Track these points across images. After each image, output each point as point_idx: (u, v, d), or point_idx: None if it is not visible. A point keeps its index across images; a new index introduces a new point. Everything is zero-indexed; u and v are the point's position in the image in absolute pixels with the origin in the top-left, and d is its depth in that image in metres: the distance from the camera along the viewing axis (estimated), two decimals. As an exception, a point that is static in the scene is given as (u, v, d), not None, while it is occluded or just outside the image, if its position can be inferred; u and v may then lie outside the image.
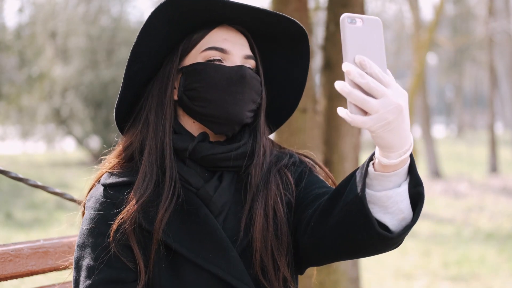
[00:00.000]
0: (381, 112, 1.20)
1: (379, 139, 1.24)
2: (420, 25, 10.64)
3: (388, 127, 1.21)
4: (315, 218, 1.44)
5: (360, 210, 1.30)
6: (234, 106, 1.49)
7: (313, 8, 3.81)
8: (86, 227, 1.48)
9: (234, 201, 1.54)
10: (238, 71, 1.50)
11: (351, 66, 1.20)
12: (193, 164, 1.52)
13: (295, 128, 3.06)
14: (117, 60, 17.53)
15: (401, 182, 1.31)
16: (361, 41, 1.22)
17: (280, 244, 1.52)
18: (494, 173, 15.80)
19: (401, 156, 1.26)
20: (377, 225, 1.29)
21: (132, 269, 1.45)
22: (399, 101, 1.21)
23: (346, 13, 1.23)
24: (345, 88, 1.20)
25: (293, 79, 1.65)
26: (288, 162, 1.61)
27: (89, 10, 18.74)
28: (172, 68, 1.53)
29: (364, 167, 1.31)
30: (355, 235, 1.34)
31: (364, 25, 1.23)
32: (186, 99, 1.52)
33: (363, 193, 1.29)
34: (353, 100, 1.20)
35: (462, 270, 6.57)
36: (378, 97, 1.20)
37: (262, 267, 1.49)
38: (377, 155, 1.28)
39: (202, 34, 1.52)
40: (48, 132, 19.64)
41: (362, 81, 1.20)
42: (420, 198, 1.32)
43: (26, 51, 15.36)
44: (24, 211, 9.92)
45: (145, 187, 1.47)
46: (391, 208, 1.31)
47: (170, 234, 1.46)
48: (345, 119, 1.22)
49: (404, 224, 1.33)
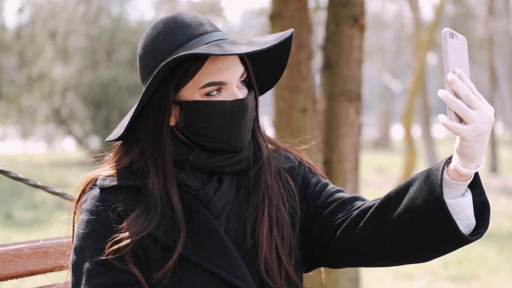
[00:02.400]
0: (477, 123, 1.30)
1: (468, 148, 1.32)
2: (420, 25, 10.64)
3: (480, 137, 1.31)
4: (364, 224, 1.48)
5: (439, 215, 1.36)
6: (240, 138, 1.50)
7: (313, 8, 3.81)
8: (83, 230, 1.46)
9: (236, 202, 1.54)
10: (241, 106, 1.49)
11: (455, 76, 1.31)
12: (191, 170, 1.53)
13: (295, 128, 3.06)
14: (117, 60, 17.53)
15: (465, 192, 1.40)
16: (457, 55, 1.34)
17: (284, 243, 1.53)
18: (494, 173, 15.80)
19: (477, 168, 1.36)
20: (460, 229, 1.37)
21: (131, 272, 1.44)
22: (491, 115, 1.32)
23: (447, 28, 1.33)
24: (450, 97, 1.30)
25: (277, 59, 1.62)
26: (287, 165, 1.62)
27: (89, 10, 18.74)
28: (168, 102, 1.48)
29: (439, 174, 1.37)
30: (428, 238, 1.41)
31: (458, 41, 1.35)
32: (189, 133, 1.51)
33: (442, 198, 1.36)
34: (455, 109, 1.30)
35: (462, 270, 6.57)
36: (475, 108, 1.31)
37: (266, 266, 1.50)
38: (456, 165, 1.36)
39: (197, 66, 1.47)
40: (48, 132, 19.66)
41: (463, 92, 1.30)
42: (486, 206, 1.41)
43: (26, 51, 15.35)
44: (24, 211, 9.92)
45: (149, 220, 1.45)
46: (459, 215, 1.39)
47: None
48: (446, 125, 1.31)
49: (468, 230, 1.41)
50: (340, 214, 1.54)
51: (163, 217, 1.47)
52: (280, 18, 3.02)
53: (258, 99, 1.58)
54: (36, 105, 18.08)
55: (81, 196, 1.55)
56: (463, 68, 1.34)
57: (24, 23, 16.36)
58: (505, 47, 22.64)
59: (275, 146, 1.66)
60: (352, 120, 3.23)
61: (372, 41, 23.61)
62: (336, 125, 3.22)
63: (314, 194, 1.60)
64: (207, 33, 1.51)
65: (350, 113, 3.22)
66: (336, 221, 1.54)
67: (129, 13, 22.37)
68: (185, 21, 1.51)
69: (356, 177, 3.27)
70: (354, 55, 3.21)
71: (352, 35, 3.20)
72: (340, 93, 3.21)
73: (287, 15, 2.99)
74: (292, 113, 3.07)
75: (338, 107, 3.22)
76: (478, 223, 1.42)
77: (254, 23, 15.94)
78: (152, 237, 1.45)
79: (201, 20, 1.53)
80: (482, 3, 19.12)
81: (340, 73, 3.21)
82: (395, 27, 23.76)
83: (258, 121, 1.60)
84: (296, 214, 1.58)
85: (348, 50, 3.20)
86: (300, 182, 1.62)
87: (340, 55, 3.20)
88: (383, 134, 28.48)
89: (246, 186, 1.56)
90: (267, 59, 1.61)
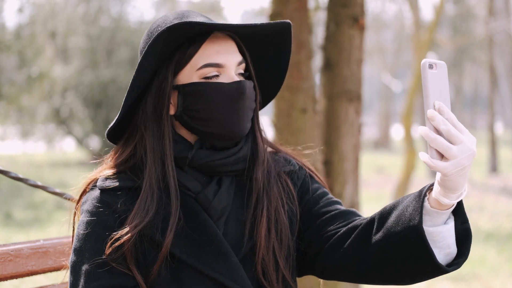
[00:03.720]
0: (459, 158, 1.27)
1: (449, 182, 1.30)
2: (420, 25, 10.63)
3: (462, 172, 1.28)
4: (350, 243, 1.47)
5: (418, 243, 1.35)
6: (237, 123, 1.49)
7: (313, 8, 3.81)
8: (83, 231, 1.46)
9: (235, 205, 1.53)
10: (238, 88, 1.49)
11: (435, 112, 1.27)
12: (191, 170, 1.52)
13: (295, 128, 3.06)
14: (117, 60, 17.53)
15: (447, 219, 1.38)
16: (436, 86, 1.30)
17: (281, 246, 1.53)
18: (494, 173, 15.80)
19: (459, 198, 1.33)
20: (437, 259, 1.35)
21: (131, 274, 1.44)
22: (473, 148, 1.28)
23: (426, 59, 1.29)
24: (431, 134, 1.27)
25: (278, 60, 1.63)
26: (287, 168, 1.61)
27: (89, 10, 18.74)
28: (167, 86, 1.49)
29: (420, 202, 1.36)
30: (405, 265, 1.39)
31: (437, 70, 1.30)
32: (187, 118, 1.50)
33: (421, 226, 1.34)
34: (436, 146, 1.27)
35: (462, 270, 6.57)
36: (456, 143, 1.27)
37: (264, 268, 1.50)
38: (437, 195, 1.33)
39: (195, 48, 1.49)
40: (48, 132, 19.66)
41: (444, 128, 1.27)
42: (468, 234, 1.40)
43: (26, 51, 15.34)
44: (24, 211, 9.92)
45: (146, 210, 1.45)
46: (439, 243, 1.37)
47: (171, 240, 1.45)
48: (427, 163, 1.29)
49: (449, 258, 1.40)
50: (331, 227, 1.53)
51: (159, 207, 1.46)
52: (280, 18, 3.01)
53: (258, 92, 1.58)
54: (36, 105, 18.08)
55: (81, 196, 1.54)
56: (444, 97, 1.30)
57: (24, 23, 16.35)
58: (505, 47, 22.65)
59: (274, 149, 1.66)
60: (352, 120, 3.23)
61: (372, 41, 23.61)
62: (336, 125, 3.22)
63: (311, 200, 1.60)
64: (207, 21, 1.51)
65: (350, 113, 3.22)
66: (326, 233, 1.53)
67: (129, 13, 22.36)
68: (184, 13, 1.54)
69: (356, 177, 3.27)
70: (354, 55, 3.20)
71: (352, 35, 3.20)
72: (340, 93, 3.21)
73: (287, 15, 2.99)
74: (292, 113, 3.07)
75: (338, 107, 3.22)
76: (460, 251, 1.40)
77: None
78: (148, 236, 1.45)
79: (200, 13, 1.57)
80: (482, 3, 19.12)
81: (340, 73, 3.21)
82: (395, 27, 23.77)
83: (258, 121, 1.59)
84: (295, 217, 1.58)
85: (348, 50, 3.20)
86: (299, 186, 1.61)
87: (340, 55, 3.20)
88: (383, 134, 28.49)
89: (245, 188, 1.55)
90: (268, 60, 1.61)
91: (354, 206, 3.21)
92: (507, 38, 20.67)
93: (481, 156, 20.64)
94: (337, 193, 3.16)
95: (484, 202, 11.28)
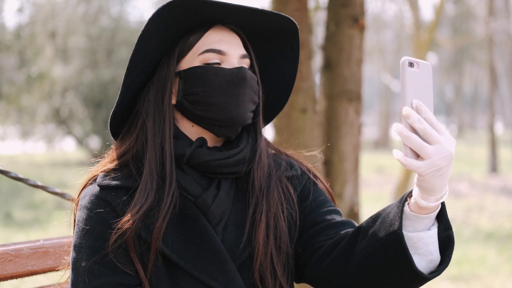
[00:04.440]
0: (434, 158, 1.24)
1: (425, 182, 1.27)
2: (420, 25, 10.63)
3: (438, 173, 1.25)
4: (336, 253, 1.45)
5: (397, 248, 1.32)
6: (237, 108, 1.48)
7: (313, 8, 3.81)
8: (83, 227, 1.45)
9: (234, 209, 1.52)
10: (239, 73, 1.48)
11: (411, 110, 1.24)
12: (191, 170, 1.51)
13: (295, 128, 3.06)
14: (117, 60, 17.53)
15: (431, 225, 1.35)
16: (416, 85, 1.26)
17: (280, 253, 1.51)
18: (494, 173, 15.80)
19: (438, 200, 1.30)
20: (415, 265, 1.32)
21: (133, 274, 1.44)
22: (451, 149, 1.25)
23: (406, 57, 1.26)
24: (405, 132, 1.23)
25: (283, 73, 1.64)
26: (289, 173, 1.60)
27: (89, 10, 18.73)
28: (169, 72, 1.50)
29: (400, 206, 1.33)
30: (387, 272, 1.36)
31: (419, 70, 1.27)
32: (187, 103, 1.50)
33: (400, 231, 1.31)
34: (410, 144, 1.24)
35: (462, 270, 6.57)
36: (432, 143, 1.24)
37: (261, 274, 1.49)
38: (416, 197, 1.31)
39: (197, 36, 1.50)
40: (48, 132, 19.65)
41: (420, 126, 1.24)
42: (450, 242, 1.36)
43: (26, 51, 15.34)
44: (24, 211, 9.92)
45: (146, 196, 1.45)
46: (421, 249, 1.34)
47: (169, 244, 1.44)
48: (400, 161, 1.26)
49: (432, 266, 1.36)
50: (322, 237, 1.51)
51: (157, 195, 1.45)
52: (280, 18, 3.01)
53: (260, 86, 1.57)
54: (36, 105, 18.07)
55: (81, 191, 1.53)
56: (425, 97, 1.27)
57: (24, 23, 16.34)
58: (505, 47, 22.66)
59: (276, 151, 1.64)
60: (352, 120, 3.23)
61: (372, 41, 23.61)
62: (336, 125, 3.22)
63: (308, 208, 1.57)
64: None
65: (350, 113, 3.22)
66: (316, 243, 1.51)
67: (129, 13, 22.39)
68: None
69: (356, 177, 3.27)
70: (354, 55, 3.20)
71: (352, 35, 3.20)
72: (340, 93, 3.21)
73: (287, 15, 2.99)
74: (292, 113, 3.07)
75: (338, 107, 3.22)
76: (441, 258, 1.36)
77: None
78: (143, 237, 1.44)
79: None
80: (482, 3, 19.12)
81: (340, 73, 3.21)
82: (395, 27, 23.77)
83: (260, 124, 1.58)
84: (295, 223, 1.56)
85: (348, 50, 3.20)
86: (299, 192, 1.60)
87: (340, 55, 3.20)
88: (383, 134, 28.48)
89: (244, 192, 1.54)
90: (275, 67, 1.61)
91: (354, 206, 3.21)
92: (507, 38, 20.67)
93: (481, 156, 20.66)
94: (337, 193, 3.16)
95: (484, 202, 11.28)
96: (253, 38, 1.59)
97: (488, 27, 15.96)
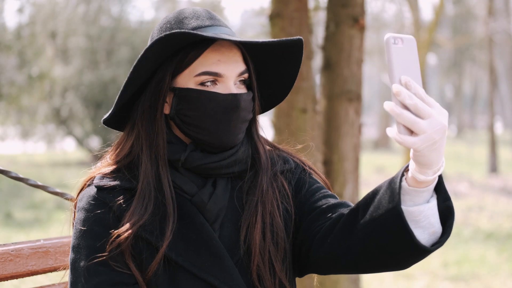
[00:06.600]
0: (428, 133, 1.23)
1: (421, 157, 1.27)
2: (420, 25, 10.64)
3: (433, 147, 1.25)
4: (335, 233, 1.45)
5: (397, 224, 1.32)
6: (228, 134, 1.49)
7: (313, 8, 3.81)
8: (81, 228, 1.46)
9: (230, 207, 1.52)
10: (233, 100, 1.47)
11: (400, 87, 1.23)
12: (186, 171, 1.51)
13: (295, 128, 3.06)
14: (117, 60, 17.53)
15: (429, 198, 1.35)
16: (403, 61, 1.25)
17: (277, 250, 1.52)
18: (494, 173, 15.80)
19: (435, 173, 1.30)
20: (416, 238, 1.32)
21: (130, 272, 1.44)
22: (444, 121, 1.24)
23: (390, 34, 1.25)
24: (396, 109, 1.23)
25: (284, 75, 1.62)
26: (283, 168, 1.60)
27: (89, 10, 18.74)
28: (164, 86, 1.49)
29: (397, 182, 1.33)
30: (390, 248, 1.37)
31: (404, 45, 1.26)
32: (179, 121, 1.50)
33: (399, 207, 1.31)
34: (403, 121, 1.23)
35: (462, 270, 6.57)
36: (425, 117, 1.23)
37: (259, 273, 1.49)
38: (413, 172, 1.31)
39: (196, 53, 1.47)
40: (48, 132, 19.66)
41: (410, 102, 1.23)
42: (450, 212, 1.36)
43: (26, 51, 15.36)
44: (24, 211, 9.93)
45: (144, 208, 1.45)
46: (422, 222, 1.34)
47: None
48: (395, 139, 1.25)
49: (434, 238, 1.36)
50: (320, 222, 1.51)
51: (156, 206, 1.46)
52: (280, 18, 3.02)
53: (257, 102, 1.57)
54: (36, 105, 18.08)
55: (79, 193, 1.54)
56: (412, 72, 1.26)
57: (24, 23, 16.37)
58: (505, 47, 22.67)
59: (272, 147, 1.65)
60: (352, 120, 3.23)
61: (372, 41, 23.61)
62: (336, 125, 3.23)
63: (303, 197, 1.58)
64: (215, 26, 1.50)
65: (350, 113, 3.22)
66: (315, 228, 1.51)
67: (129, 13, 22.35)
68: (196, 13, 1.53)
69: (356, 177, 3.27)
70: (354, 55, 3.21)
71: (352, 35, 3.20)
72: (340, 93, 3.21)
73: (287, 15, 2.99)
74: (292, 113, 3.07)
75: (338, 107, 3.22)
76: (442, 229, 1.36)
77: (254, 23, 15.94)
78: (144, 237, 1.45)
79: (212, 15, 1.54)
80: (482, 3, 19.13)
81: (340, 73, 3.21)
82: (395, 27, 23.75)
83: (256, 124, 1.59)
84: (291, 218, 1.56)
85: (348, 50, 3.20)
86: (294, 184, 1.60)
87: (340, 55, 3.20)
88: (383, 134, 28.47)
89: (241, 190, 1.54)
90: (276, 71, 1.60)
91: (354, 206, 3.21)
92: (507, 38, 20.68)
93: (481, 156, 20.65)
94: (337, 193, 3.16)
95: (484, 202, 11.28)
96: (255, 50, 1.57)
97: (488, 27, 15.96)
